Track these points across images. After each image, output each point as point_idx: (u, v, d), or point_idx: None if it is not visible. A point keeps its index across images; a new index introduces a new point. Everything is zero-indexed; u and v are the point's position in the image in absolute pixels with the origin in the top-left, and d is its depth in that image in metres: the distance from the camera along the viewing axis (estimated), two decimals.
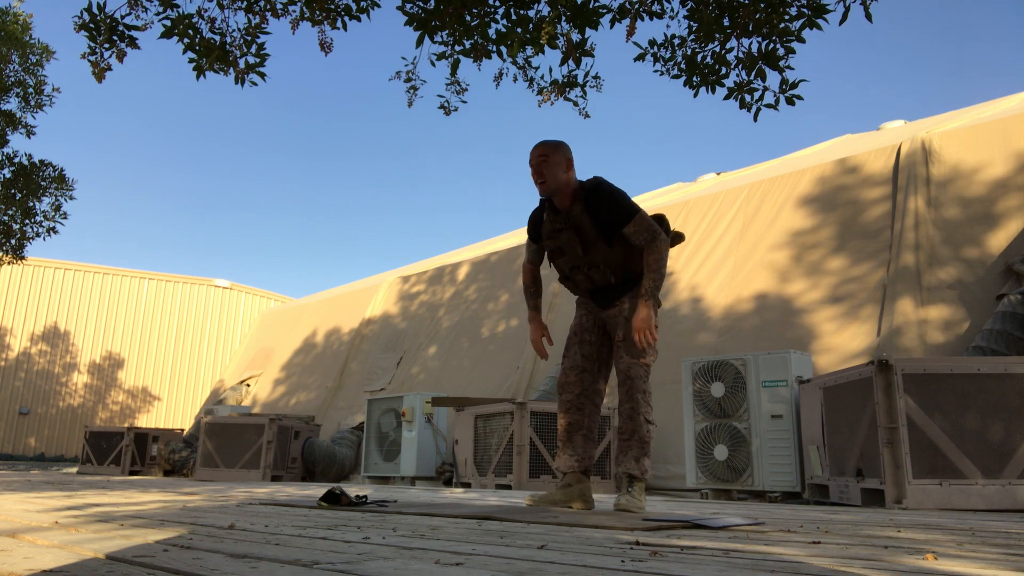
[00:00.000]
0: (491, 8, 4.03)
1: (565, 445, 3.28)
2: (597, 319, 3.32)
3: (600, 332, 3.33)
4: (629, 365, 3.14)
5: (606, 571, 1.29)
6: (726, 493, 5.73)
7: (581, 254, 3.16)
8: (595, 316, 3.32)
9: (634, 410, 3.13)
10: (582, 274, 3.22)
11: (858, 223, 7.21)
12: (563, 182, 3.12)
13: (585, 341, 3.31)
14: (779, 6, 3.76)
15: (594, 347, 3.31)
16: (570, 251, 3.18)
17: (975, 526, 2.60)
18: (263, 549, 1.60)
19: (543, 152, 3.13)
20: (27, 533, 1.92)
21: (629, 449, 3.14)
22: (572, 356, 3.32)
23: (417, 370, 10.89)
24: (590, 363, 3.29)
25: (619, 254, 3.14)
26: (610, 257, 3.14)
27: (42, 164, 11.44)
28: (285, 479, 8.79)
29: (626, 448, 3.15)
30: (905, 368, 4.20)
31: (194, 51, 3.98)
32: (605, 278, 3.18)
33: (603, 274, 3.18)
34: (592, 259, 3.16)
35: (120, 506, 3.11)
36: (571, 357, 3.32)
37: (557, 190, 3.13)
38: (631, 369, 3.14)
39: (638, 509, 3.04)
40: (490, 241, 14.49)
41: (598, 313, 3.31)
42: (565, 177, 3.13)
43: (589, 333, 3.32)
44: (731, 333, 7.39)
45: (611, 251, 3.13)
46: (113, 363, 21.81)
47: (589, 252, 3.15)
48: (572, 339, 3.36)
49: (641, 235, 3.07)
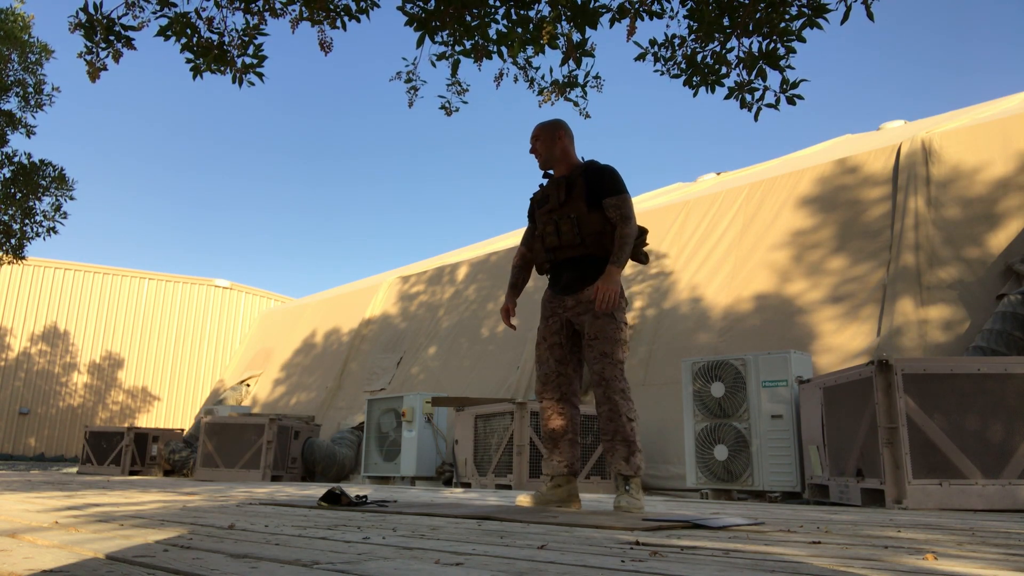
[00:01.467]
0: (491, 8, 4.03)
1: (552, 451, 3.34)
2: (563, 320, 3.34)
3: (568, 332, 3.35)
4: (604, 366, 3.17)
5: (606, 571, 1.29)
6: (726, 493, 5.72)
7: (563, 199, 3.30)
8: (560, 317, 3.34)
9: (613, 411, 3.16)
10: (552, 226, 3.30)
11: (858, 223, 7.20)
12: (556, 153, 3.41)
13: (555, 344, 3.34)
14: (779, 6, 3.76)
15: (565, 349, 3.34)
16: (553, 197, 3.35)
17: (975, 526, 2.60)
18: (263, 549, 1.60)
19: (536, 132, 3.45)
20: (27, 533, 1.92)
21: (615, 450, 3.18)
22: (545, 363, 3.35)
23: (417, 370, 10.89)
24: (564, 366, 3.33)
25: (595, 221, 3.25)
26: (585, 218, 3.26)
27: (42, 164, 11.44)
28: (285, 479, 8.79)
29: (612, 449, 3.19)
30: (905, 368, 4.20)
31: (191, 51, 3.98)
32: (573, 236, 3.25)
33: (572, 230, 3.25)
34: (568, 210, 3.29)
35: (120, 506, 3.11)
36: (545, 364, 3.36)
37: (552, 160, 3.42)
38: (605, 370, 3.16)
39: (637, 509, 3.07)
40: (490, 241, 14.49)
41: (563, 311, 3.33)
42: (558, 147, 3.41)
43: (558, 335, 3.34)
44: (731, 333, 7.39)
45: (589, 214, 3.26)
46: (113, 363, 21.80)
47: (569, 204, 3.30)
48: (541, 345, 3.39)
49: (619, 210, 3.24)
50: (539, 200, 3.44)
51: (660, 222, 8.94)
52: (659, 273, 8.53)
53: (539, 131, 3.44)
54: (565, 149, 3.42)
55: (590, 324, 3.22)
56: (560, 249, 3.31)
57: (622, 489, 3.15)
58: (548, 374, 3.34)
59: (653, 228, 8.89)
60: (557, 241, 3.30)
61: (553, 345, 3.34)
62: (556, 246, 3.31)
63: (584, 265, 3.29)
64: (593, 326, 3.21)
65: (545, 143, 3.40)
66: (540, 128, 3.45)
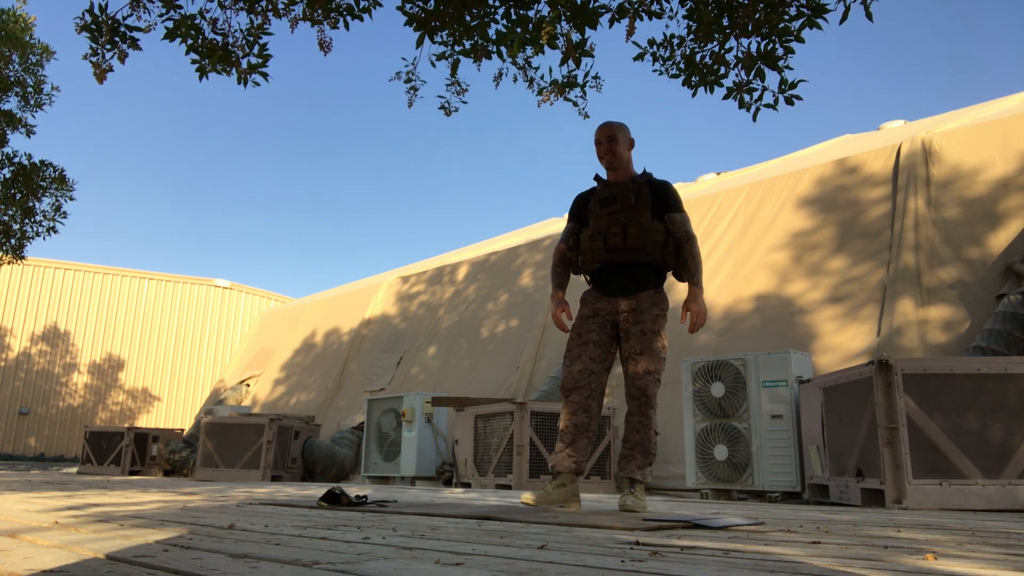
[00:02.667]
0: (491, 8, 4.03)
1: (568, 446, 3.28)
2: (608, 322, 3.31)
3: (609, 333, 3.31)
4: (647, 383, 3.18)
5: (606, 571, 1.29)
6: (726, 493, 5.73)
7: (633, 203, 3.27)
8: (605, 319, 3.31)
9: (644, 424, 3.20)
10: (620, 227, 3.26)
11: (858, 223, 7.20)
12: (626, 159, 3.40)
13: (593, 343, 3.29)
14: (778, 6, 3.76)
15: (603, 348, 3.30)
16: (622, 199, 3.30)
17: (975, 526, 2.60)
18: (263, 549, 1.60)
19: (611, 132, 3.38)
20: (27, 533, 1.92)
21: (633, 458, 3.21)
22: (581, 359, 3.29)
23: (417, 370, 10.89)
24: (597, 364, 3.29)
25: (657, 231, 3.27)
26: (650, 227, 3.25)
27: (42, 164, 11.44)
28: (285, 479, 8.79)
29: (631, 456, 3.21)
30: (905, 368, 4.20)
31: (197, 52, 3.98)
32: (638, 241, 3.23)
33: (638, 235, 3.23)
34: (638, 214, 3.26)
35: (120, 506, 3.11)
36: (580, 360, 3.30)
37: (620, 166, 3.38)
38: (648, 387, 3.19)
39: (641, 509, 3.11)
40: (490, 241, 14.49)
41: (611, 314, 3.30)
42: (627, 155, 3.41)
43: (598, 335, 3.30)
44: (731, 333, 7.39)
45: (653, 223, 3.27)
46: (113, 363, 21.80)
47: (637, 208, 3.27)
48: (576, 339, 3.34)
49: (684, 227, 3.29)
50: (604, 199, 3.36)
51: None
52: None
53: (615, 131, 3.37)
54: (631, 158, 3.42)
55: (638, 337, 3.21)
56: (622, 251, 3.27)
57: (627, 490, 3.18)
58: (581, 372, 3.27)
59: None
60: (622, 243, 3.25)
61: (590, 343, 3.29)
62: (620, 247, 3.26)
63: (642, 271, 3.28)
64: (641, 340, 3.20)
65: (620, 145, 3.35)
66: (616, 129, 3.38)
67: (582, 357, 3.29)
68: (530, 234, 12.22)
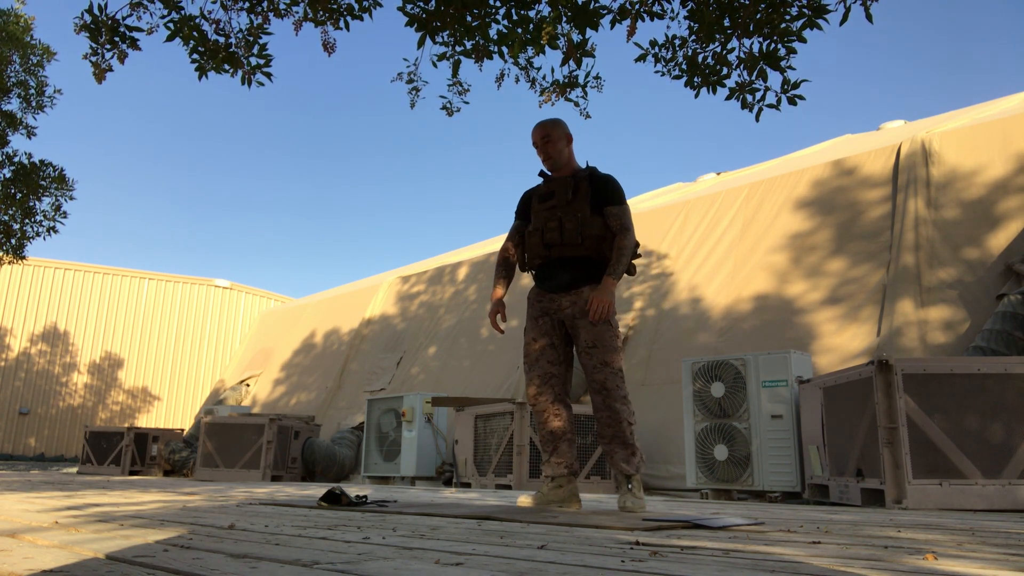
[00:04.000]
0: (492, 9, 4.03)
1: (552, 454, 3.31)
2: (556, 320, 3.31)
3: (561, 333, 3.32)
4: (605, 376, 3.16)
5: (606, 571, 1.29)
6: (726, 493, 5.72)
7: (570, 198, 3.28)
8: (553, 317, 3.31)
9: (614, 418, 3.17)
10: (556, 222, 3.26)
11: (858, 223, 7.20)
12: (565, 155, 3.39)
13: (548, 346, 3.31)
14: (780, 6, 3.76)
15: (558, 351, 3.31)
16: (560, 194, 3.31)
17: (975, 526, 2.60)
18: (263, 549, 1.60)
19: (544, 132, 3.37)
20: (27, 533, 1.92)
21: (614, 452, 3.20)
22: (538, 365, 3.31)
23: (417, 370, 10.89)
24: (556, 366, 3.30)
25: (596, 225, 3.25)
26: (588, 220, 3.24)
27: (42, 164, 11.44)
28: (285, 479, 8.79)
29: (611, 451, 3.21)
30: (905, 368, 4.20)
31: (199, 53, 3.98)
32: (575, 236, 3.23)
33: (575, 229, 3.23)
34: (574, 209, 3.27)
35: (120, 506, 3.11)
36: (538, 366, 3.31)
37: (560, 163, 3.38)
38: (608, 380, 3.16)
39: (641, 508, 3.10)
40: (490, 241, 14.49)
41: (556, 312, 3.29)
42: (566, 151, 3.40)
43: (550, 336, 3.31)
44: (731, 333, 7.39)
45: (592, 218, 3.25)
46: (113, 363, 21.80)
47: (575, 203, 3.27)
48: (532, 346, 3.33)
49: (620, 220, 3.26)
50: (543, 195, 3.38)
51: (660, 222, 8.94)
52: (659, 273, 8.53)
53: (549, 131, 3.37)
54: (571, 152, 3.42)
55: (586, 330, 3.20)
56: (559, 246, 3.27)
57: (624, 488, 3.17)
58: (544, 376, 3.29)
59: (653, 228, 8.90)
60: (559, 238, 3.25)
61: (546, 347, 3.30)
62: (556, 242, 3.26)
63: (581, 266, 3.27)
64: (590, 333, 3.18)
65: (556, 143, 3.36)
66: (550, 128, 3.38)
67: (541, 362, 3.30)
68: None
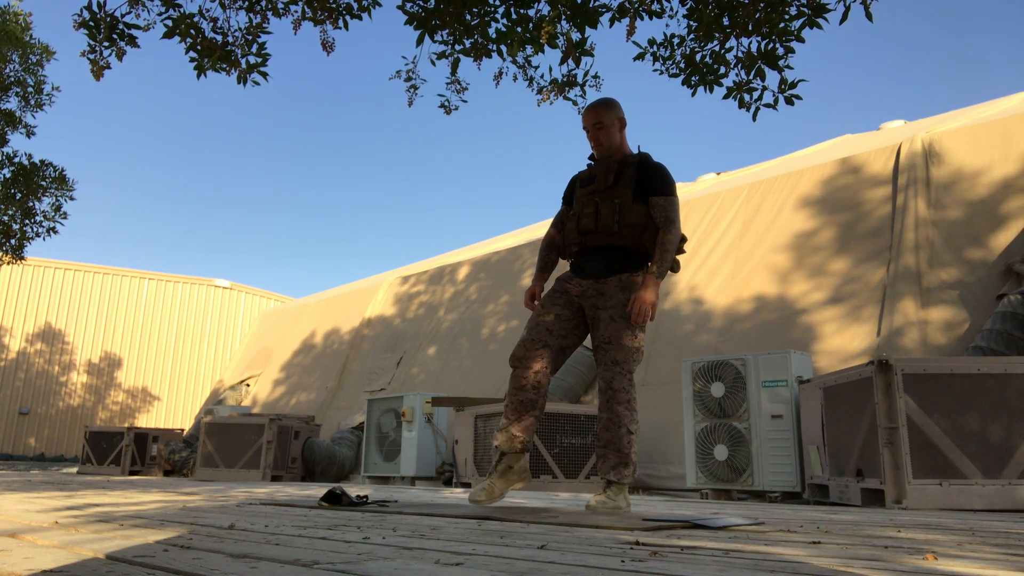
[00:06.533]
0: (491, 7, 4.03)
1: (513, 423, 3.04)
2: (574, 301, 3.11)
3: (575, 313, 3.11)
4: (614, 375, 2.98)
5: (606, 571, 1.29)
6: (726, 493, 5.72)
7: (610, 183, 3.10)
8: (572, 297, 3.12)
9: (613, 422, 2.99)
10: (592, 207, 3.07)
11: (858, 223, 7.20)
12: (617, 142, 3.19)
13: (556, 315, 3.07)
14: (779, 5, 3.76)
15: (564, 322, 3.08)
16: (600, 179, 3.13)
17: (975, 526, 2.60)
18: (263, 549, 1.60)
19: (597, 118, 3.17)
20: (27, 533, 1.92)
21: (606, 458, 3.02)
22: (536, 329, 3.07)
23: (417, 370, 10.89)
24: (554, 338, 3.06)
25: (637, 214, 3.05)
26: (628, 208, 3.05)
27: (42, 164, 11.44)
28: (285, 479, 8.79)
29: (603, 456, 3.03)
30: (905, 368, 4.20)
31: (196, 51, 3.98)
32: (611, 222, 3.03)
33: (611, 215, 3.03)
34: (613, 195, 3.08)
35: (120, 506, 3.11)
36: (535, 330, 3.07)
37: (612, 151, 3.19)
38: (615, 380, 2.98)
39: (611, 510, 2.92)
40: (490, 241, 14.49)
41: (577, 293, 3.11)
42: (618, 137, 3.20)
43: (562, 308, 3.09)
44: (731, 333, 7.39)
45: (633, 206, 3.06)
46: (113, 363, 21.80)
47: (615, 189, 3.09)
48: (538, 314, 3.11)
49: (666, 212, 3.05)
50: (584, 179, 3.20)
51: None
52: None
53: (601, 116, 3.15)
54: (623, 137, 3.21)
55: (606, 325, 3.00)
56: (594, 234, 3.07)
57: (600, 491, 3.01)
58: (535, 340, 3.04)
59: None
60: (593, 224, 3.06)
61: (553, 318, 3.07)
62: (591, 229, 3.07)
63: (615, 255, 3.07)
64: (609, 328, 2.99)
65: (608, 129, 3.15)
66: (603, 113, 3.16)
67: (537, 327, 3.06)
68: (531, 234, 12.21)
